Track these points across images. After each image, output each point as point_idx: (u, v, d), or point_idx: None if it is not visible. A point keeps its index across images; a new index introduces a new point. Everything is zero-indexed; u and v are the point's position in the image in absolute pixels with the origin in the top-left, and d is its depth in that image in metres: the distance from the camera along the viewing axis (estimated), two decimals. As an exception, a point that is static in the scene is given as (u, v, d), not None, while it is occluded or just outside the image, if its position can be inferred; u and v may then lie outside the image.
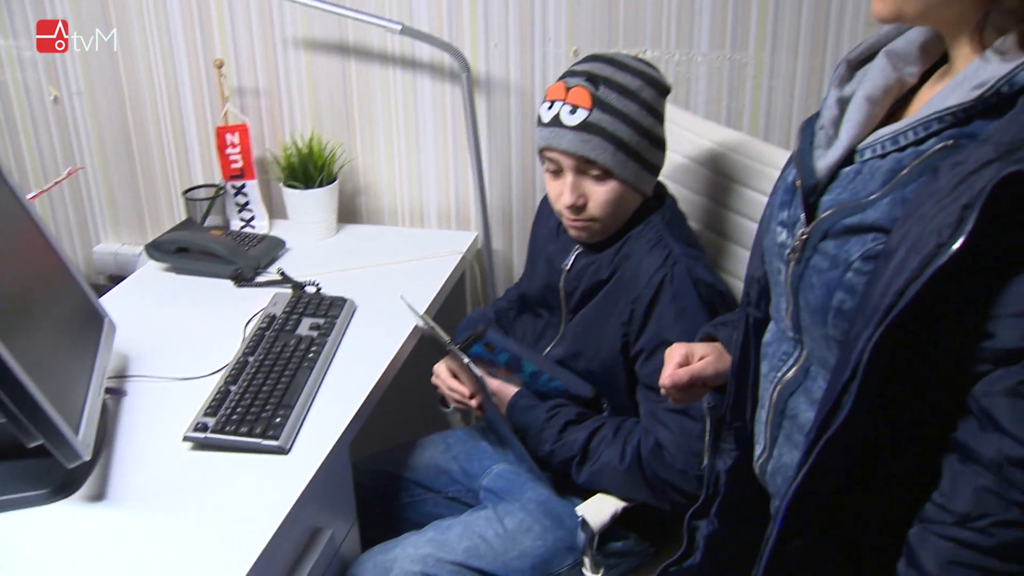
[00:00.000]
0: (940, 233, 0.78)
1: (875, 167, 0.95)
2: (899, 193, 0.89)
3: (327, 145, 2.31)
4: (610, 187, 1.53)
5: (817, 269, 0.98)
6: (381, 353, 1.74)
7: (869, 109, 1.01)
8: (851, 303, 0.92)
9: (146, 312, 1.96)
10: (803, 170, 1.05)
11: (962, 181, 0.78)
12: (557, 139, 1.52)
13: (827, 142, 1.03)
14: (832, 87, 1.08)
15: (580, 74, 1.53)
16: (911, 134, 0.92)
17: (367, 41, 2.26)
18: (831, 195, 1.00)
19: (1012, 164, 0.74)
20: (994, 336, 0.78)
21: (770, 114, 2.13)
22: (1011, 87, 0.84)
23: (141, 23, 2.37)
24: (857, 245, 0.92)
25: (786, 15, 2.03)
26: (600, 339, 1.58)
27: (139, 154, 2.52)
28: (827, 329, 0.96)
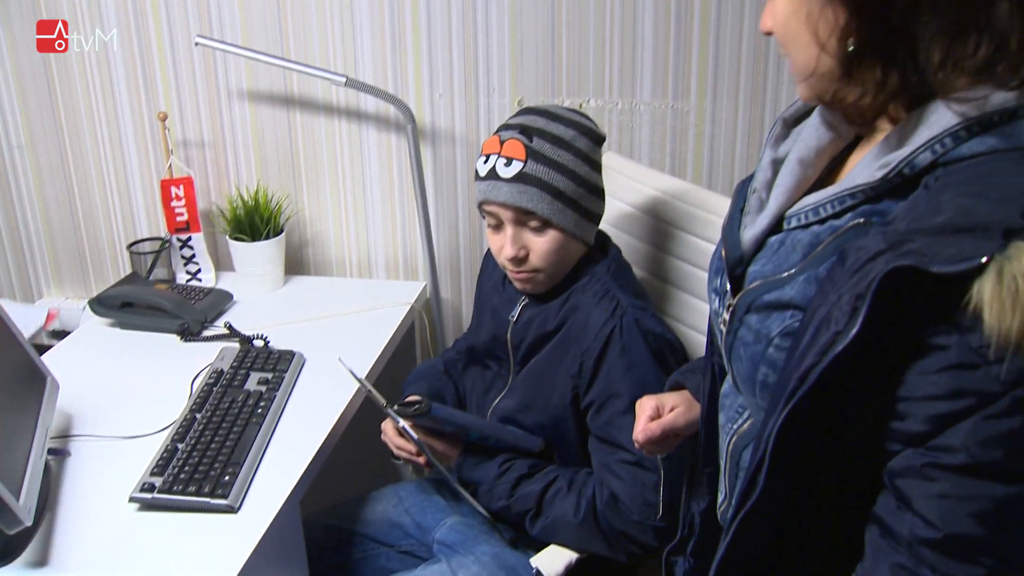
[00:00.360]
0: (837, 321, 0.79)
1: (796, 240, 0.96)
2: (813, 271, 0.91)
3: (273, 197, 2.30)
4: (550, 237, 1.55)
5: (743, 342, 0.99)
6: (330, 406, 1.73)
7: (801, 172, 1.01)
8: (774, 378, 0.93)
9: (90, 369, 1.93)
10: (728, 241, 1.06)
11: (860, 268, 0.79)
12: (494, 192, 1.53)
13: (758, 207, 1.04)
14: (767, 147, 1.08)
15: (514, 127, 1.55)
16: (829, 207, 0.93)
17: (312, 93, 2.27)
18: (757, 265, 1.01)
19: (897, 258, 0.75)
20: (903, 419, 0.79)
21: (713, 161, 2.16)
22: (911, 169, 0.86)
23: (83, 76, 2.35)
24: (777, 321, 0.94)
25: (725, 65, 2.07)
26: (549, 392, 1.58)
27: (82, 207, 2.50)
28: (757, 399, 0.98)
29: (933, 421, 0.77)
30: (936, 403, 0.77)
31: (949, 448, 0.76)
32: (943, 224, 0.76)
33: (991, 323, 0.71)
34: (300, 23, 2.20)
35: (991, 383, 0.74)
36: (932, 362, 0.77)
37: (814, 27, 0.88)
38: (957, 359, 0.75)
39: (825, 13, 0.87)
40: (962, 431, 0.76)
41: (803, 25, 0.90)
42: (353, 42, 2.20)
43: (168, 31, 2.27)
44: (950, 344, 0.75)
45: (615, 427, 1.51)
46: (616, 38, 2.09)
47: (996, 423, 0.74)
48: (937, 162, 0.84)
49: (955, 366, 0.75)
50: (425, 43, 2.17)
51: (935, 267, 0.73)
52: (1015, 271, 0.70)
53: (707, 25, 2.05)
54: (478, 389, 1.76)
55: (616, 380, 1.51)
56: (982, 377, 0.74)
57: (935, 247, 0.74)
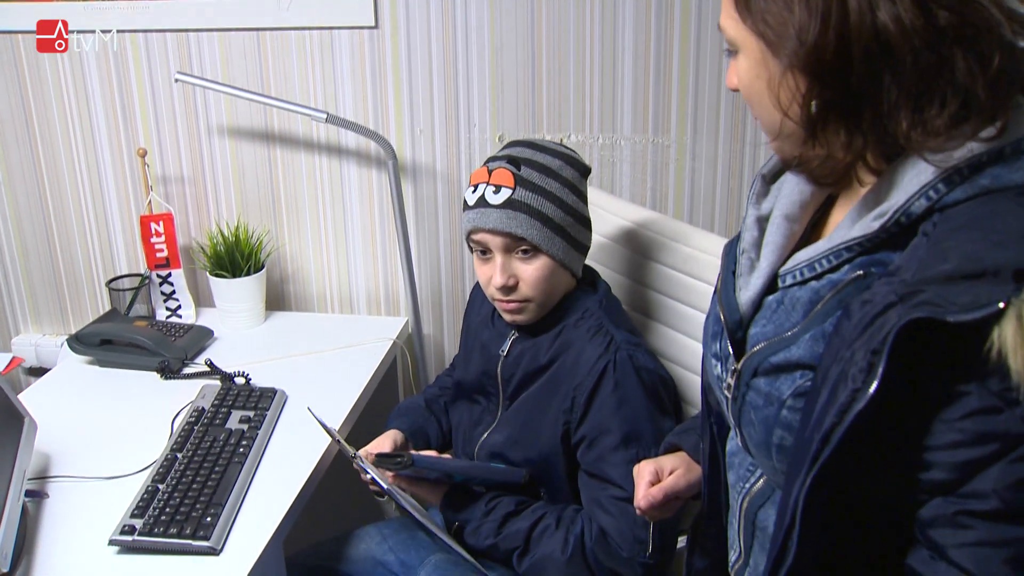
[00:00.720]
0: (855, 379, 0.78)
1: (795, 297, 0.96)
2: (819, 328, 0.90)
3: (254, 233, 2.30)
4: (539, 264, 1.55)
5: (753, 406, 0.97)
6: (313, 445, 1.72)
7: (788, 228, 1.01)
8: (791, 440, 0.92)
9: (69, 408, 1.91)
10: (726, 306, 1.05)
11: (870, 323, 0.79)
12: (483, 219, 1.54)
13: (749, 268, 1.03)
14: (749, 205, 1.08)
15: (501, 158, 1.57)
16: (825, 262, 0.93)
17: (293, 129, 2.27)
18: (757, 327, 1.00)
19: (911, 310, 0.75)
20: (929, 468, 0.79)
21: (694, 195, 2.17)
22: (908, 217, 0.85)
23: (62, 111, 2.35)
24: (787, 383, 0.93)
25: (705, 99, 2.09)
26: (540, 426, 1.58)
27: (60, 243, 2.48)
28: (773, 462, 0.96)
29: (961, 468, 0.77)
30: (962, 450, 0.76)
31: (979, 494, 0.76)
32: (951, 272, 0.76)
33: (1018, 368, 0.71)
34: (280, 59, 2.21)
35: (1017, 425, 0.74)
36: (954, 410, 0.76)
37: (776, 92, 0.89)
38: (979, 404, 0.75)
39: (786, 79, 0.88)
40: (991, 476, 0.75)
41: (765, 90, 0.91)
42: (334, 78, 2.21)
43: (148, 68, 2.27)
44: (971, 390, 0.75)
45: (606, 462, 1.50)
46: (596, 73, 2.11)
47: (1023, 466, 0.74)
48: (933, 208, 0.84)
49: (978, 411, 0.75)
50: (406, 79, 2.17)
51: (952, 316, 0.72)
52: None
53: (686, 60, 2.07)
54: (465, 424, 1.75)
55: (608, 416, 1.51)
56: (1006, 420, 0.74)
57: (948, 295, 0.74)
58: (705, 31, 2.05)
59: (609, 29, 2.07)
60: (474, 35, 2.12)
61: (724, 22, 0.94)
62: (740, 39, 0.92)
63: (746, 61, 0.93)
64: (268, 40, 2.20)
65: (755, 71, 0.91)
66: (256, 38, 2.20)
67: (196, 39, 2.23)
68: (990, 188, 0.82)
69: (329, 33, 2.17)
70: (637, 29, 2.06)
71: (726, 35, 0.95)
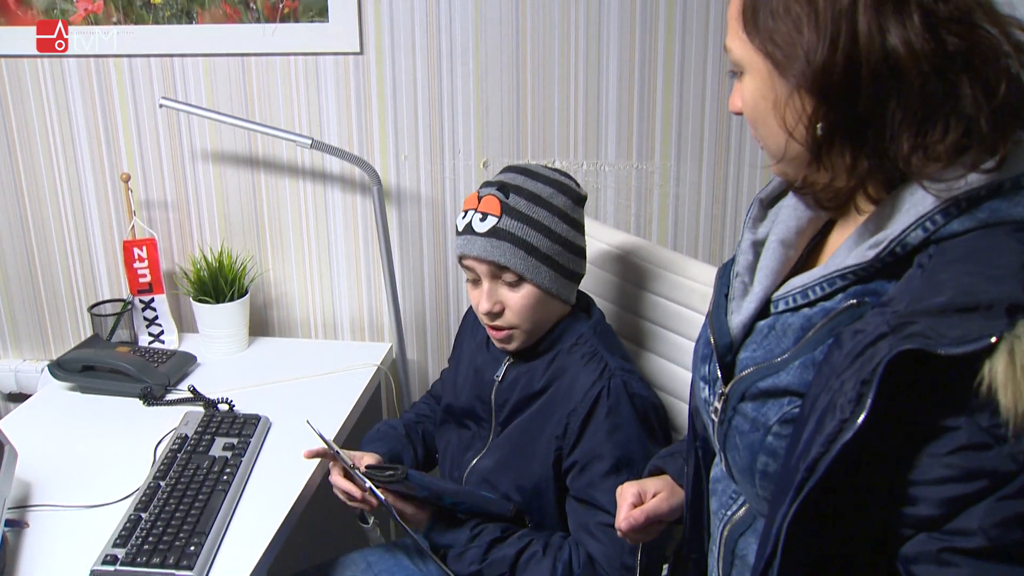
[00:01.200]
0: (843, 409, 0.77)
1: (787, 323, 0.95)
2: (809, 356, 0.90)
3: (237, 258, 2.29)
4: (525, 293, 1.55)
5: (739, 430, 0.97)
6: (297, 471, 1.71)
7: (783, 253, 1.01)
8: (775, 466, 0.92)
9: (50, 435, 1.89)
10: (716, 329, 1.04)
11: (861, 353, 0.78)
12: (469, 246, 1.54)
13: (742, 292, 1.03)
14: (746, 229, 1.08)
15: (493, 184, 1.57)
16: (818, 289, 0.92)
17: (277, 154, 2.27)
18: (747, 352, 1.00)
19: (902, 341, 0.74)
20: (915, 503, 0.78)
21: (678, 220, 2.19)
22: (903, 248, 0.85)
23: (44, 135, 2.34)
24: (774, 409, 0.92)
25: (689, 125, 2.10)
26: (532, 452, 1.57)
27: (42, 268, 2.47)
28: (756, 489, 0.96)
29: (947, 504, 0.76)
30: (949, 486, 0.75)
31: (965, 531, 0.75)
32: (945, 304, 0.76)
33: (1007, 404, 0.71)
34: (265, 85, 2.21)
35: (1005, 463, 0.73)
36: (942, 444, 0.76)
37: (782, 113, 0.89)
38: (968, 440, 0.74)
39: (792, 100, 0.88)
40: (977, 513, 0.74)
41: (771, 111, 0.91)
42: (319, 104, 2.21)
43: (132, 92, 2.27)
44: (960, 425, 0.75)
45: (596, 488, 1.50)
46: (580, 100, 2.12)
47: (1012, 504, 0.73)
48: (929, 239, 0.84)
49: (967, 447, 0.74)
50: (390, 105, 2.18)
51: (943, 349, 0.72)
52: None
53: (670, 86, 2.08)
54: (454, 448, 1.75)
55: (601, 442, 1.51)
56: (995, 457, 0.73)
57: (940, 328, 0.74)
58: (688, 58, 2.06)
59: (593, 55, 2.08)
60: (459, 61, 2.13)
61: (730, 43, 0.94)
62: (747, 59, 0.92)
63: (752, 82, 0.93)
64: (253, 65, 2.20)
65: (761, 92, 0.92)
66: (241, 63, 2.20)
67: (180, 64, 2.23)
68: (988, 222, 0.82)
69: (314, 59, 2.18)
70: (621, 56, 2.08)
71: (732, 56, 0.95)
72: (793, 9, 0.86)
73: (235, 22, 2.16)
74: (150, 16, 2.19)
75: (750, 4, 0.91)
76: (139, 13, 2.19)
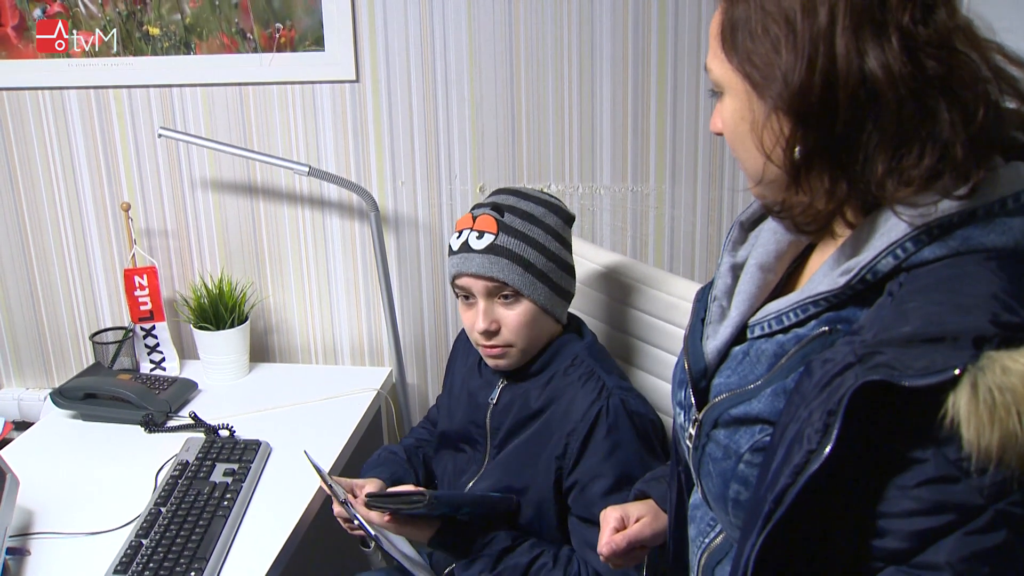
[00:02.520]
0: (810, 439, 0.76)
1: (761, 350, 0.94)
2: (781, 383, 0.89)
3: (237, 285, 2.31)
4: (522, 309, 1.57)
5: (712, 457, 0.96)
6: (298, 496, 1.72)
7: (761, 278, 1.00)
8: (746, 495, 0.90)
9: (52, 463, 1.90)
10: (691, 354, 1.04)
11: (828, 383, 0.77)
12: (466, 264, 1.56)
13: (719, 316, 1.02)
14: (725, 252, 1.07)
15: (486, 204, 1.59)
16: (792, 315, 0.91)
17: (275, 182, 2.29)
18: (722, 377, 0.99)
19: (868, 372, 0.73)
20: (883, 535, 0.77)
21: (674, 242, 2.20)
22: (874, 275, 0.85)
23: (46, 166, 2.36)
24: (746, 436, 0.91)
25: (683, 147, 2.12)
26: (532, 474, 1.58)
27: (44, 297, 2.49)
28: (729, 517, 0.95)
29: (915, 538, 0.74)
30: (917, 519, 0.74)
31: (933, 566, 0.74)
32: (911, 334, 0.75)
33: (970, 438, 0.70)
34: (263, 113, 2.24)
35: (973, 496, 0.72)
36: (910, 476, 0.75)
37: (759, 136, 0.89)
38: (936, 472, 0.73)
39: (770, 122, 0.87)
40: (945, 548, 0.73)
41: (749, 132, 0.90)
42: (316, 132, 2.23)
43: (132, 122, 2.30)
44: (927, 457, 0.74)
45: (598, 507, 1.49)
46: (575, 123, 2.14)
47: (980, 538, 0.72)
48: (900, 267, 0.83)
49: (934, 480, 0.73)
50: (387, 132, 2.20)
51: (907, 381, 0.71)
52: (990, 383, 0.69)
53: (663, 109, 2.11)
54: (450, 473, 1.75)
55: (601, 461, 1.51)
56: (963, 491, 0.72)
57: (905, 359, 0.73)
58: (681, 81, 2.08)
59: (587, 80, 2.11)
60: (454, 88, 2.15)
61: (710, 63, 0.94)
62: (725, 80, 0.92)
63: (731, 103, 0.92)
64: (251, 94, 2.23)
65: (739, 113, 0.91)
66: (239, 93, 2.23)
67: (179, 94, 2.26)
68: (959, 250, 0.81)
69: (311, 87, 2.20)
70: (615, 80, 2.10)
71: (712, 76, 0.94)
72: (772, 30, 0.86)
73: (232, 52, 2.19)
74: (149, 47, 2.22)
75: (728, 24, 0.90)
76: (138, 44, 2.22)
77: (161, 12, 2.19)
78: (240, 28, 2.17)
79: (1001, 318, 0.73)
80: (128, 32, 2.22)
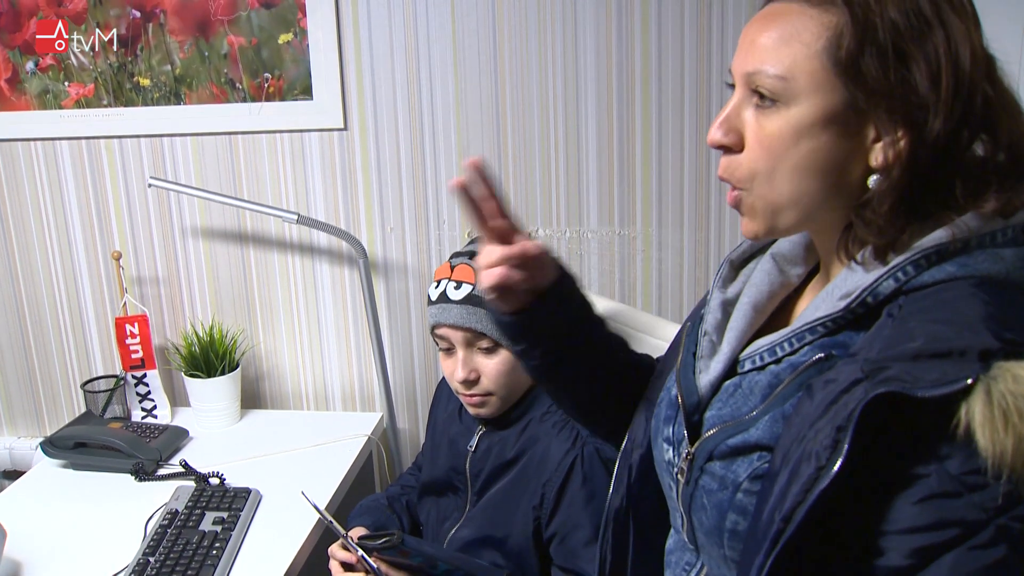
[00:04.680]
0: (819, 456, 0.77)
1: (754, 381, 0.95)
2: (779, 410, 0.90)
3: (228, 332, 2.32)
4: (500, 359, 1.58)
5: (707, 490, 0.96)
6: (287, 545, 1.72)
7: (753, 317, 1.01)
8: (744, 524, 0.91)
9: (41, 513, 1.90)
10: (684, 388, 1.04)
11: (834, 401, 0.78)
12: (444, 314, 1.57)
13: (711, 351, 1.03)
14: (715, 288, 1.08)
15: (464, 254, 1.61)
16: (787, 345, 0.92)
17: (265, 229, 2.31)
18: (713, 410, 0.99)
19: (878, 386, 0.74)
20: (884, 553, 0.77)
21: (662, 284, 2.22)
22: (875, 298, 0.86)
23: (38, 215, 2.38)
24: (744, 466, 0.92)
25: (668, 191, 2.14)
26: (510, 523, 1.58)
27: (36, 346, 2.50)
28: (724, 550, 0.95)
29: (917, 554, 0.75)
30: (919, 535, 0.75)
31: None
32: (918, 350, 0.76)
33: (985, 444, 0.71)
34: (253, 162, 2.26)
35: (975, 512, 0.72)
36: (913, 492, 0.75)
37: (866, 149, 0.88)
38: (938, 488, 0.74)
39: (885, 147, 0.86)
40: (947, 564, 0.73)
41: (813, 153, 0.88)
42: (305, 179, 2.25)
43: (122, 172, 2.32)
44: (929, 472, 0.74)
45: (579, 557, 1.51)
46: (561, 169, 2.16)
47: (982, 554, 0.72)
48: (900, 290, 0.85)
49: (937, 495, 0.74)
50: (375, 179, 2.22)
51: (920, 392, 0.72)
52: (1003, 389, 0.70)
53: (648, 152, 2.13)
54: (433, 520, 1.75)
55: (578, 511, 1.52)
56: (965, 506, 0.73)
57: (915, 372, 0.74)
58: (666, 124, 2.11)
59: (573, 124, 2.13)
60: (440, 135, 2.18)
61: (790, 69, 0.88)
62: (810, 90, 0.87)
63: (800, 117, 0.88)
64: (240, 143, 2.25)
65: (811, 129, 0.88)
66: (228, 142, 2.25)
67: (170, 143, 2.28)
68: (956, 275, 0.83)
69: (300, 136, 2.23)
70: (600, 124, 2.12)
71: (780, 85, 0.88)
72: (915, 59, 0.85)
73: (222, 102, 2.22)
74: (139, 98, 2.25)
75: (855, 44, 0.85)
76: (129, 95, 2.25)
77: (152, 63, 2.22)
78: (229, 78, 2.20)
79: (1004, 335, 0.75)
80: (119, 83, 2.24)
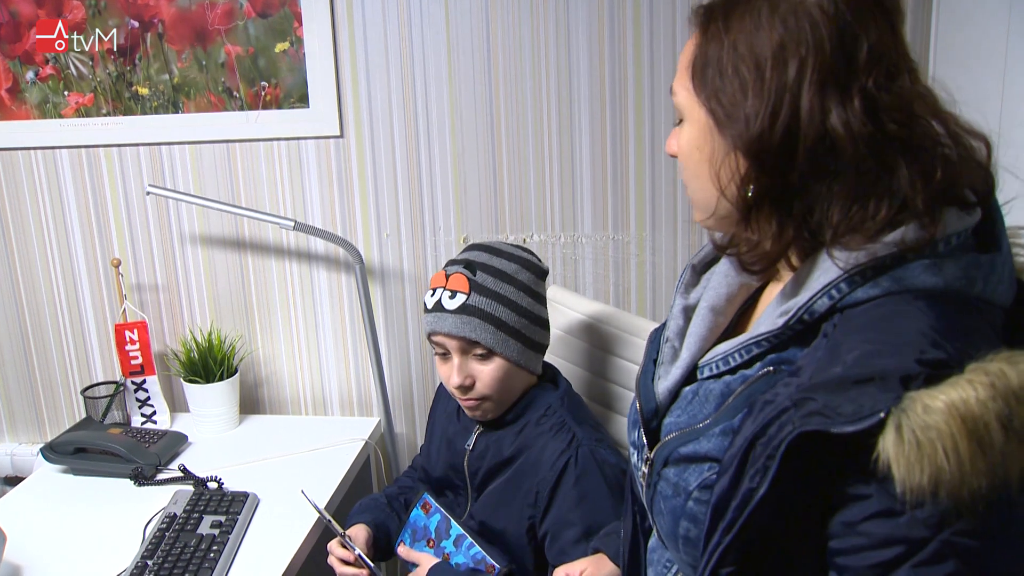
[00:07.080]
0: (751, 478, 0.78)
1: (709, 390, 0.96)
2: (728, 423, 0.91)
3: (227, 338, 2.34)
4: (495, 365, 1.60)
5: (663, 495, 0.97)
6: (284, 548, 1.73)
7: (712, 320, 1.02)
8: (696, 532, 0.92)
9: (40, 518, 1.92)
10: (642, 395, 1.05)
11: (770, 423, 0.79)
12: (440, 323, 1.59)
13: (671, 357, 1.04)
14: (677, 294, 1.09)
15: (459, 262, 1.63)
16: (737, 356, 0.93)
17: (263, 236, 2.33)
18: (672, 417, 1.00)
19: (802, 421, 0.76)
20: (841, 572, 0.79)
21: (655, 288, 2.23)
22: (811, 315, 0.87)
23: (38, 223, 2.41)
24: (695, 475, 0.93)
25: (662, 195, 2.16)
26: (506, 522, 1.60)
27: (36, 352, 2.52)
28: (680, 554, 0.96)
29: (870, 572, 0.76)
30: (868, 553, 0.76)
31: None
32: (842, 377, 0.77)
33: (901, 478, 0.72)
34: (250, 169, 2.28)
35: (917, 529, 0.73)
36: (856, 511, 0.77)
37: (716, 169, 0.90)
38: (880, 506, 0.75)
39: (728, 159, 0.89)
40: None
41: (705, 162, 0.92)
42: (302, 186, 2.28)
43: (122, 180, 2.34)
44: (871, 492, 0.76)
45: (569, 556, 1.52)
46: (556, 174, 2.18)
47: (928, 570, 0.73)
48: (835, 307, 0.85)
49: (880, 513, 0.75)
50: (371, 185, 2.24)
51: (836, 428, 0.73)
52: (912, 425, 0.71)
53: (642, 157, 2.14)
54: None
55: (570, 510, 1.54)
56: (908, 523, 0.74)
57: (835, 404, 0.75)
58: (658, 129, 2.12)
59: (567, 130, 2.15)
60: (436, 142, 2.20)
61: (677, 87, 0.95)
62: (689, 109, 0.93)
63: (691, 131, 0.94)
64: (238, 151, 2.27)
65: (697, 142, 0.92)
66: (226, 149, 2.27)
67: (168, 152, 2.30)
68: (891, 290, 0.83)
69: (296, 143, 2.25)
70: (593, 129, 2.14)
71: (676, 100, 0.95)
72: (741, 72, 0.87)
73: (219, 110, 2.24)
74: (138, 107, 2.27)
75: (701, 58, 0.91)
76: (128, 104, 2.27)
77: (150, 72, 2.24)
78: (227, 87, 2.22)
79: (927, 355, 0.75)
80: (118, 92, 2.27)
